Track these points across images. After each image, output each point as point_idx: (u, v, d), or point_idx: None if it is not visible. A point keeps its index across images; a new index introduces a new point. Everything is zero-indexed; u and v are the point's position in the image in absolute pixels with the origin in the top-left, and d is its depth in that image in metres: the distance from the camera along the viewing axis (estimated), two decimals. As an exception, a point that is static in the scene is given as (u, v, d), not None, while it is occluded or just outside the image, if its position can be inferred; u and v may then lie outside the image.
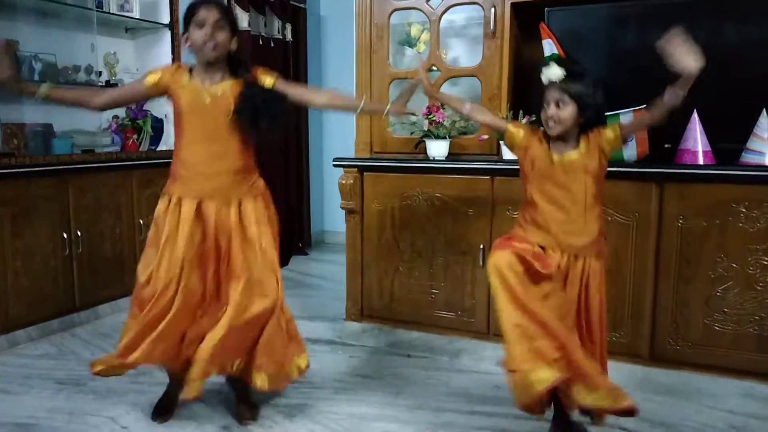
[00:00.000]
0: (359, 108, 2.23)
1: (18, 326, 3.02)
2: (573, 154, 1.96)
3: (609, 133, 1.95)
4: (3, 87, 1.98)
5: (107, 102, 2.18)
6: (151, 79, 2.11)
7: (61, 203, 3.20)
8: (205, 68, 2.10)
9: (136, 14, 3.71)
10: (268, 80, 2.14)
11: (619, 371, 2.54)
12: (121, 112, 3.74)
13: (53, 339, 3.12)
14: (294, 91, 2.18)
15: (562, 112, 1.92)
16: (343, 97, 2.31)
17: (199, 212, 2.12)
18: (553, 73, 1.94)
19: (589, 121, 1.95)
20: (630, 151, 2.56)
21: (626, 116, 2.54)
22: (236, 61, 2.13)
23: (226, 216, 2.14)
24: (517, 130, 2.07)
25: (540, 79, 2.00)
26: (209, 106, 2.07)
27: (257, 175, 2.25)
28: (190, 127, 2.11)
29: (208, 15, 2.00)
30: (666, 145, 2.58)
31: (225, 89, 2.08)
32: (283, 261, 4.83)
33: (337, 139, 5.54)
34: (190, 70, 2.12)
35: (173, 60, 3.85)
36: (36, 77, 3.28)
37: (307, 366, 2.30)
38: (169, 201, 2.14)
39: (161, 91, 2.13)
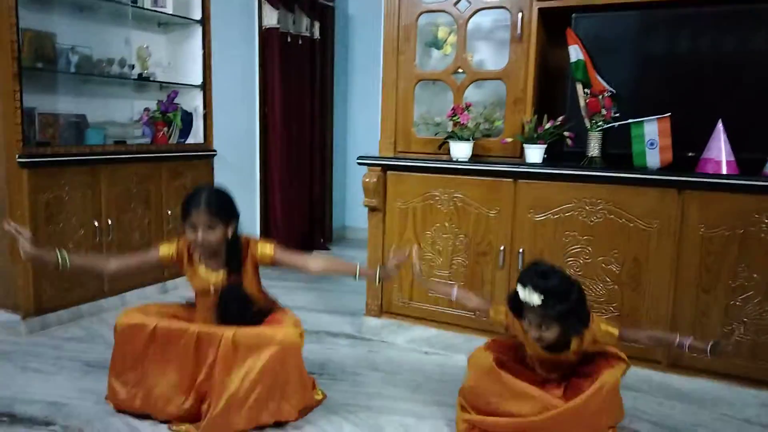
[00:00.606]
0: (356, 275, 2.35)
1: (49, 309, 3.13)
2: (562, 355, 2.09)
3: (607, 337, 2.07)
4: (28, 260, 2.20)
5: (119, 269, 2.33)
6: (165, 252, 2.30)
7: (92, 192, 3.30)
8: (206, 254, 2.28)
9: (169, 10, 3.79)
10: (267, 251, 2.31)
11: (636, 376, 2.56)
12: (152, 104, 3.84)
13: (82, 323, 3.23)
14: (291, 260, 2.36)
15: (546, 333, 1.99)
16: (339, 264, 2.56)
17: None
18: (530, 299, 1.95)
19: (574, 329, 2.02)
20: (653, 159, 2.58)
21: (651, 125, 2.56)
22: (233, 247, 2.28)
23: None
24: (498, 313, 2.22)
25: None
26: (210, 291, 2.30)
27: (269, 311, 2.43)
28: (198, 303, 2.38)
29: (198, 220, 2.15)
30: (689, 154, 2.59)
31: (219, 279, 2.29)
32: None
33: (360, 136, 5.60)
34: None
35: (204, 55, 3.93)
36: (72, 69, 3.38)
37: None
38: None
39: (173, 263, 2.33)
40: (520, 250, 2.77)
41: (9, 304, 3.10)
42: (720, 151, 2.45)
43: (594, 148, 2.71)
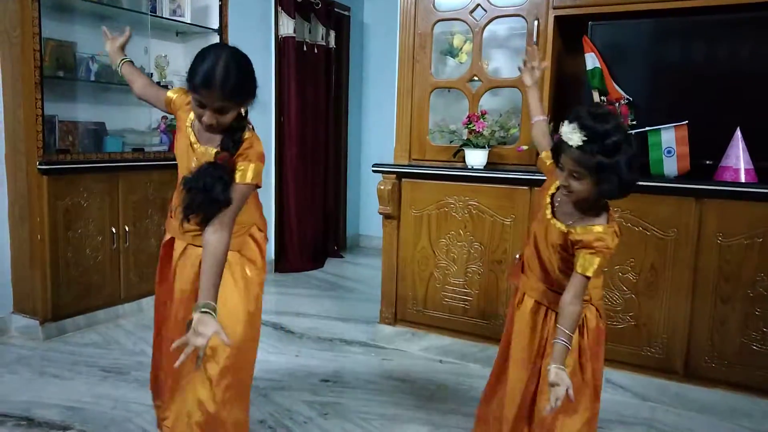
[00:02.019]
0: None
1: (67, 315, 3.16)
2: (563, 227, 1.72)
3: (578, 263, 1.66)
4: (112, 47, 2.14)
5: (141, 93, 2.08)
6: (170, 94, 1.94)
7: (110, 199, 3.33)
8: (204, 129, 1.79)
9: (187, 19, 3.83)
10: (245, 175, 1.75)
11: (652, 386, 2.54)
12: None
13: (99, 328, 3.26)
14: (240, 202, 1.76)
15: (575, 184, 1.62)
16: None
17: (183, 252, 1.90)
18: (571, 137, 1.60)
19: (608, 195, 1.64)
20: (670, 167, 2.56)
21: (668, 133, 2.55)
22: (235, 132, 1.77)
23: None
24: (546, 160, 1.87)
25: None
26: (191, 162, 1.81)
27: (244, 228, 1.90)
28: (179, 169, 1.89)
29: (208, 101, 1.66)
30: (707, 162, 2.57)
31: (210, 152, 1.78)
32: (319, 263, 4.91)
33: (375, 144, 5.62)
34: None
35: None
36: (92, 78, 3.43)
37: None
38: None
39: (172, 110, 1.96)
40: (536, 259, 2.76)
41: (27, 309, 3.14)
42: (738, 159, 2.43)
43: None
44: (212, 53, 1.71)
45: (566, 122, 1.64)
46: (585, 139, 1.57)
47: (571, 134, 1.60)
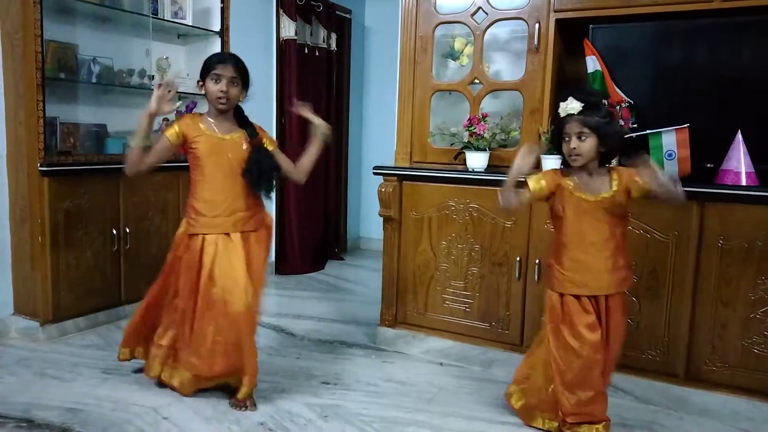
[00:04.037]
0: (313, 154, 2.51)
1: (67, 316, 3.16)
2: (605, 195, 2.06)
3: (641, 181, 2.00)
4: (150, 117, 2.31)
5: (148, 166, 2.39)
6: (172, 134, 2.34)
7: (111, 201, 3.33)
8: (217, 116, 2.37)
9: (188, 21, 3.84)
10: (270, 143, 2.45)
11: (653, 389, 2.54)
12: (171, 115, 3.88)
13: (99, 330, 3.25)
14: (282, 160, 2.48)
15: (583, 144, 1.99)
16: (305, 160, 2.52)
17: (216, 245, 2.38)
18: (571, 107, 1.99)
19: (611, 150, 2.04)
20: (671, 170, 2.56)
21: (669, 136, 2.55)
22: (242, 114, 2.42)
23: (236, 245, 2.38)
24: (537, 184, 2.15)
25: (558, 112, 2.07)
26: (226, 151, 2.34)
27: (262, 209, 2.49)
28: (210, 170, 2.35)
29: (224, 71, 2.28)
30: (708, 165, 2.57)
31: (236, 139, 2.37)
32: (319, 265, 4.91)
33: (376, 147, 5.62)
34: (201, 117, 2.38)
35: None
36: (93, 79, 3.43)
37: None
38: (192, 236, 2.41)
39: (181, 140, 2.35)
40: (537, 261, 2.76)
41: (28, 311, 3.14)
42: (739, 162, 2.43)
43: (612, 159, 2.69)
44: (218, 52, 2.37)
45: (561, 103, 2.02)
46: (583, 105, 1.97)
47: (571, 104, 1.98)
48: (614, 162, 2.19)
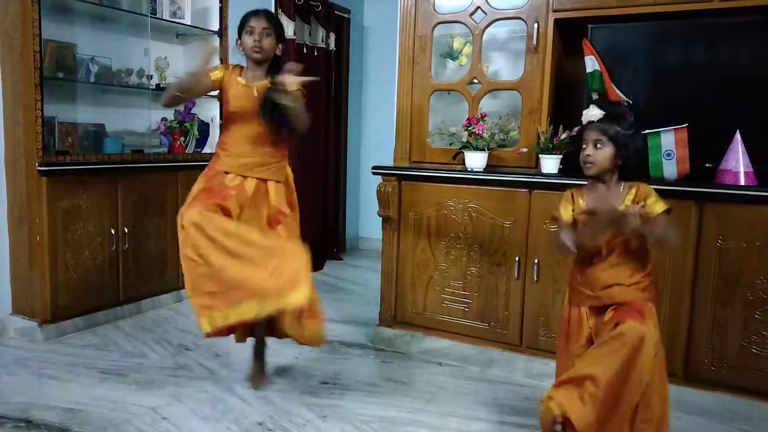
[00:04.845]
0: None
1: (66, 316, 3.16)
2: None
3: (655, 206, 1.92)
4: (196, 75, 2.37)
5: (187, 98, 2.54)
6: (217, 75, 2.44)
7: (110, 200, 3.33)
8: (253, 68, 2.46)
9: (187, 21, 3.84)
10: (293, 90, 2.35)
11: (651, 389, 2.53)
12: (169, 114, 3.88)
13: (98, 330, 3.25)
14: (297, 102, 2.41)
15: (599, 152, 1.95)
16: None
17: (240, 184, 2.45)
18: (592, 114, 1.97)
19: (627, 163, 1.96)
20: (670, 170, 2.56)
21: (667, 136, 2.55)
22: (277, 65, 2.46)
23: (259, 188, 2.47)
24: (566, 213, 2.06)
25: (580, 115, 2.03)
26: (252, 98, 2.40)
27: (286, 163, 2.58)
28: (235, 116, 2.44)
29: (258, 24, 2.40)
30: (707, 165, 2.57)
31: (262, 87, 2.41)
32: (318, 265, 4.91)
33: (375, 146, 5.62)
34: (241, 70, 2.48)
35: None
36: (92, 79, 3.43)
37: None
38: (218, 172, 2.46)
39: (219, 83, 2.45)
40: (536, 261, 2.76)
41: (26, 311, 3.14)
42: (738, 162, 2.43)
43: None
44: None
45: (585, 110, 2.01)
46: (604, 114, 1.96)
47: (592, 112, 1.98)
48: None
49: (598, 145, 1.95)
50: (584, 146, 1.99)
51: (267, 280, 2.22)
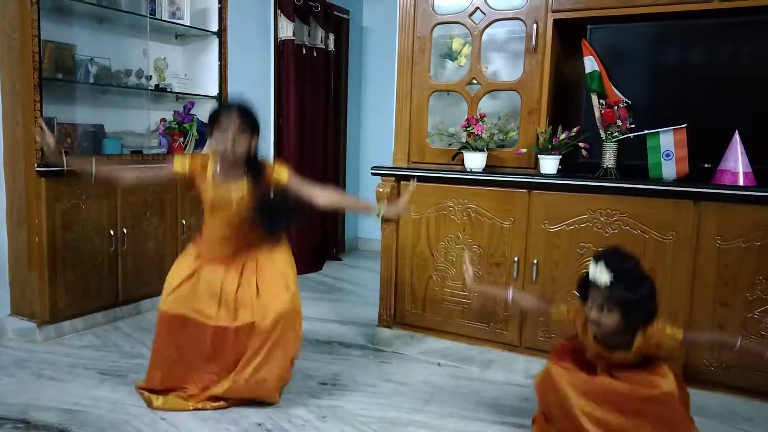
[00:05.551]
0: (376, 212, 2.40)
1: (65, 317, 3.15)
2: (621, 355, 1.95)
3: (672, 338, 1.93)
4: (52, 160, 2.23)
5: (134, 181, 2.41)
6: (179, 166, 2.30)
7: (109, 201, 3.32)
8: (227, 166, 2.28)
9: (186, 21, 3.83)
10: (283, 175, 2.31)
11: (651, 389, 2.52)
12: (169, 115, 3.88)
13: (97, 331, 3.25)
14: (302, 188, 2.35)
15: (605, 318, 1.87)
16: (350, 200, 2.51)
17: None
18: (599, 278, 1.85)
19: (635, 322, 1.89)
20: (669, 170, 2.56)
21: (666, 136, 2.55)
22: (254, 161, 2.30)
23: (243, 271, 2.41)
24: (559, 311, 2.11)
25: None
26: (232, 203, 2.29)
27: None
28: (213, 217, 2.35)
29: (229, 122, 2.17)
30: (706, 165, 2.57)
31: (244, 189, 2.29)
32: (317, 266, 4.91)
33: (374, 147, 5.62)
34: (211, 158, 2.33)
35: (220, 66, 3.97)
36: (91, 80, 3.42)
37: None
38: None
39: (187, 178, 2.32)
40: (534, 261, 2.76)
41: (25, 311, 3.13)
42: (737, 162, 2.43)
43: (609, 159, 2.70)
44: (228, 100, 2.19)
45: (593, 263, 1.88)
46: (612, 277, 1.82)
47: (600, 275, 1.84)
48: None
49: (605, 310, 1.86)
50: (590, 306, 1.90)
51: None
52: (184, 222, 3.74)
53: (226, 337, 2.35)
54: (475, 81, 3.01)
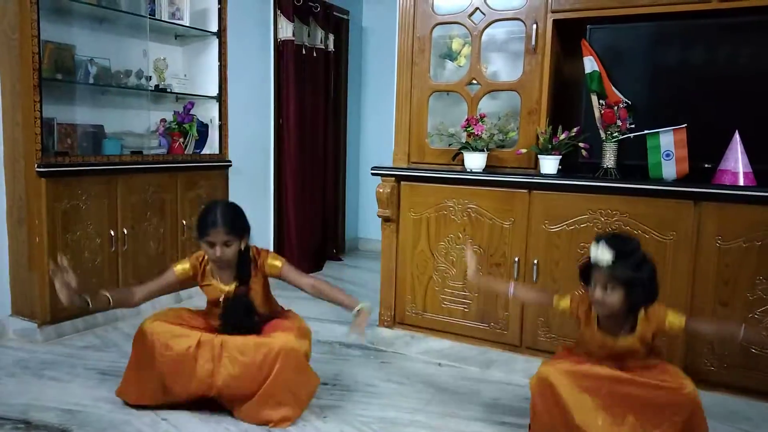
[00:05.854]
0: (352, 309, 2.45)
1: (65, 317, 3.15)
2: (628, 339, 1.98)
3: (675, 322, 1.97)
4: (69, 303, 2.24)
5: (145, 298, 2.43)
6: (180, 271, 2.42)
7: (109, 201, 3.33)
8: (219, 268, 2.41)
9: (186, 22, 3.83)
10: (276, 265, 2.43)
11: (651, 389, 2.53)
12: (168, 115, 3.88)
13: (97, 331, 3.25)
14: (294, 278, 2.46)
15: (609, 297, 1.90)
16: (337, 293, 2.54)
17: None
18: (601, 257, 1.88)
19: (638, 301, 1.93)
20: (669, 170, 2.56)
21: (666, 136, 2.55)
22: (245, 258, 2.40)
23: None
24: (562, 302, 2.13)
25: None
26: (221, 301, 2.40)
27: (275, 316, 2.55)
28: (209, 311, 2.48)
29: (216, 238, 2.28)
30: (706, 165, 2.57)
31: (231, 290, 2.40)
32: (318, 266, 4.91)
33: (374, 147, 5.62)
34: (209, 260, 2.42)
35: (220, 67, 3.97)
36: (91, 80, 3.42)
37: None
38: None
39: (189, 279, 2.45)
40: (535, 261, 2.76)
41: (25, 312, 3.13)
42: (737, 162, 2.43)
43: (609, 159, 2.70)
44: (211, 206, 2.33)
45: (594, 244, 1.91)
46: (614, 256, 1.85)
47: (602, 254, 1.87)
48: None
49: (608, 289, 1.90)
50: (593, 285, 1.93)
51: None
52: (184, 222, 3.75)
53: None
54: (474, 81, 3.01)
